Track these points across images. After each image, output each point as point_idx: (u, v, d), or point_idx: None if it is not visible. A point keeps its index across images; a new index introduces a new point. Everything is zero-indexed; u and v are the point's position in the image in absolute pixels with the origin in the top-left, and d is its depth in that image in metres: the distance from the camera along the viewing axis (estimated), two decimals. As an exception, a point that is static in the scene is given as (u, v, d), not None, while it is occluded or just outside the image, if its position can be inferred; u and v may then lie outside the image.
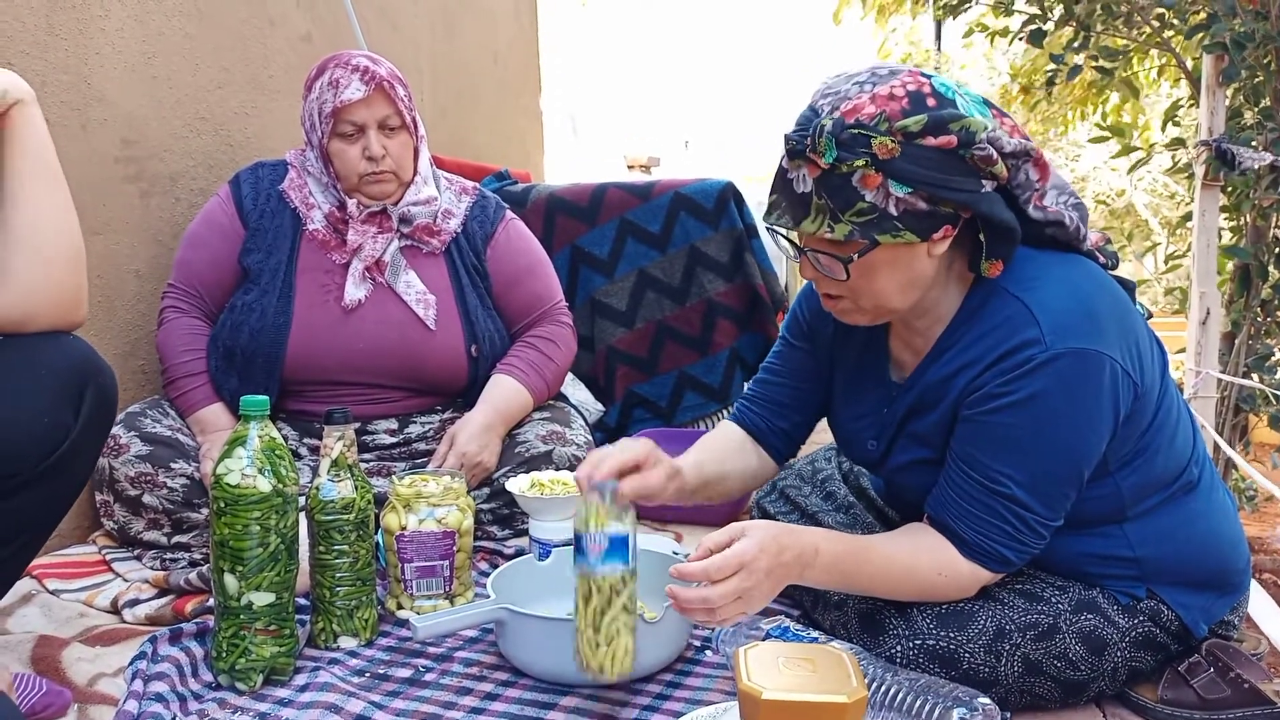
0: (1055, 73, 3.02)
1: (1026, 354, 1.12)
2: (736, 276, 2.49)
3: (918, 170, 1.08)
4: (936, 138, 1.08)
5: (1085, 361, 1.11)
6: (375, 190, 1.86)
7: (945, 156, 1.09)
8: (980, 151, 1.09)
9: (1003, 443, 1.15)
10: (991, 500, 1.16)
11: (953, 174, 1.10)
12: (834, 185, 1.10)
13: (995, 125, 1.11)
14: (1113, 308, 1.16)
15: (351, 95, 1.79)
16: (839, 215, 1.11)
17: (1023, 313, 1.13)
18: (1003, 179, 1.14)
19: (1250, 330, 2.70)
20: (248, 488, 1.26)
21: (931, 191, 1.09)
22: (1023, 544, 1.17)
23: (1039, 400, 1.12)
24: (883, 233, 1.11)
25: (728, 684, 1.29)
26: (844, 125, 1.08)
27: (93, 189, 1.93)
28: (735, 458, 1.47)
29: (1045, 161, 1.16)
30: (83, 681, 1.30)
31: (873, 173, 1.08)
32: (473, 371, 1.93)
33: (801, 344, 1.45)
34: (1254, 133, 2.57)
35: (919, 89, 1.10)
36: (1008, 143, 1.11)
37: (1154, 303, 5.41)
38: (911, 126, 1.08)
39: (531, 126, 4.18)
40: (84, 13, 1.91)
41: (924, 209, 1.11)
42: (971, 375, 1.17)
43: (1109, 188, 6.35)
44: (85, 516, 1.87)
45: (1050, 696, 1.21)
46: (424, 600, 1.52)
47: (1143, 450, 1.20)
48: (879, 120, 1.08)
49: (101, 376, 1.21)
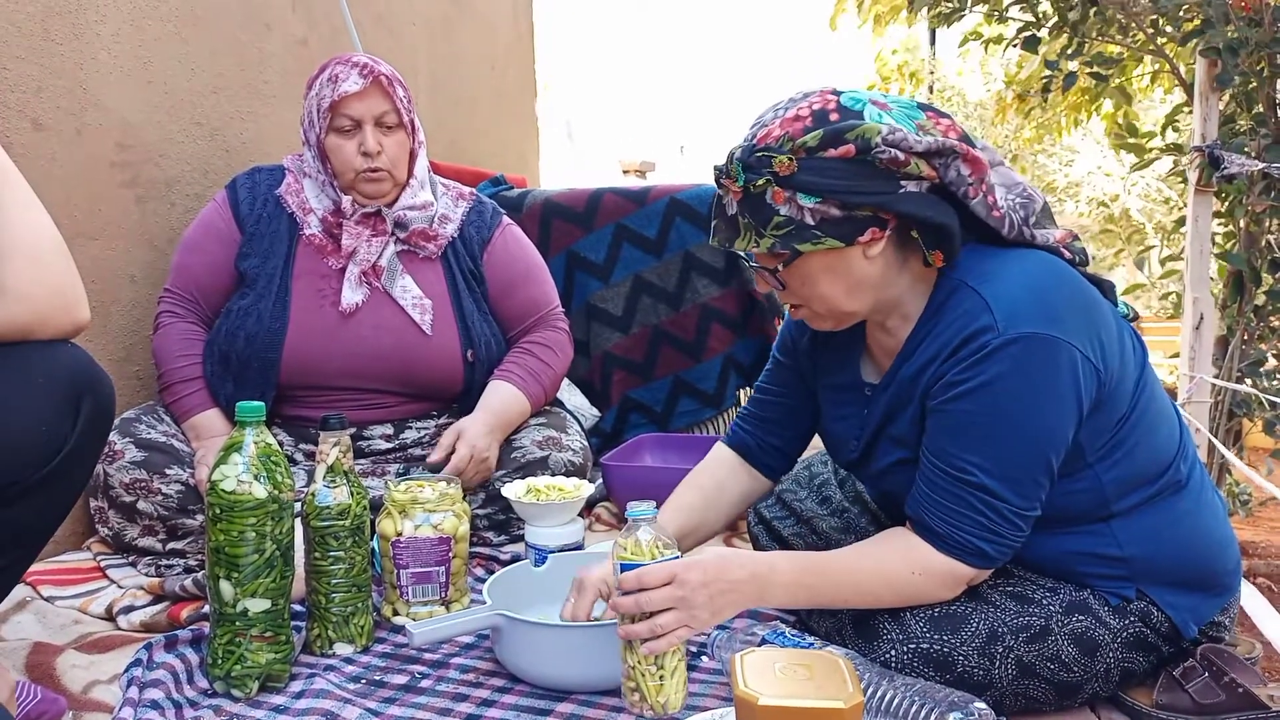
0: (1050, 79, 3.03)
1: (981, 340, 1.15)
2: (731, 281, 2.50)
3: (821, 180, 1.14)
4: (836, 148, 1.14)
5: (1038, 345, 1.13)
6: (370, 189, 1.86)
7: (850, 165, 1.15)
8: (883, 155, 1.14)
9: (964, 430, 1.17)
10: (961, 490, 1.17)
11: (861, 180, 1.15)
12: (753, 204, 1.19)
13: (899, 128, 1.14)
14: (1071, 298, 1.18)
15: (349, 88, 1.80)
16: (762, 231, 1.19)
17: (978, 303, 1.17)
18: (930, 177, 1.17)
19: (1244, 335, 2.71)
20: (243, 494, 1.26)
21: (842, 199, 1.15)
22: (998, 535, 1.17)
23: (995, 385, 1.14)
24: (803, 242, 1.17)
25: (724, 690, 1.29)
26: (752, 150, 1.17)
27: (88, 194, 1.93)
28: (721, 496, 1.50)
29: (975, 156, 1.18)
30: (78, 689, 1.30)
31: (777, 188, 1.16)
32: (468, 377, 1.93)
33: (787, 360, 1.49)
34: (1247, 138, 2.59)
35: (824, 107, 1.17)
36: (917, 142, 1.14)
37: (1148, 308, 5.43)
38: (809, 142, 1.14)
39: (527, 132, 4.18)
40: (79, 18, 1.91)
41: (838, 215, 1.16)
42: (934, 368, 1.20)
43: (1103, 192, 6.37)
44: (80, 523, 1.87)
45: (1045, 699, 1.22)
46: (420, 606, 1.52)
47: (1121, 443, 1.21)
48: (783, 141, 1.15)
49: (99, 385, 1.21)
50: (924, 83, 7.08)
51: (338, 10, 2.64)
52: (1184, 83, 2.91)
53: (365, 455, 1.90)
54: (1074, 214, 6.53)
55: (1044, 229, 1.25)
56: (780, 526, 1.62)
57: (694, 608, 1.16)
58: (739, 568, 1.19)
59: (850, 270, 1.21)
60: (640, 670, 1.17)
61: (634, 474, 2.07)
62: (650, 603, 1.15)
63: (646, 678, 1.16)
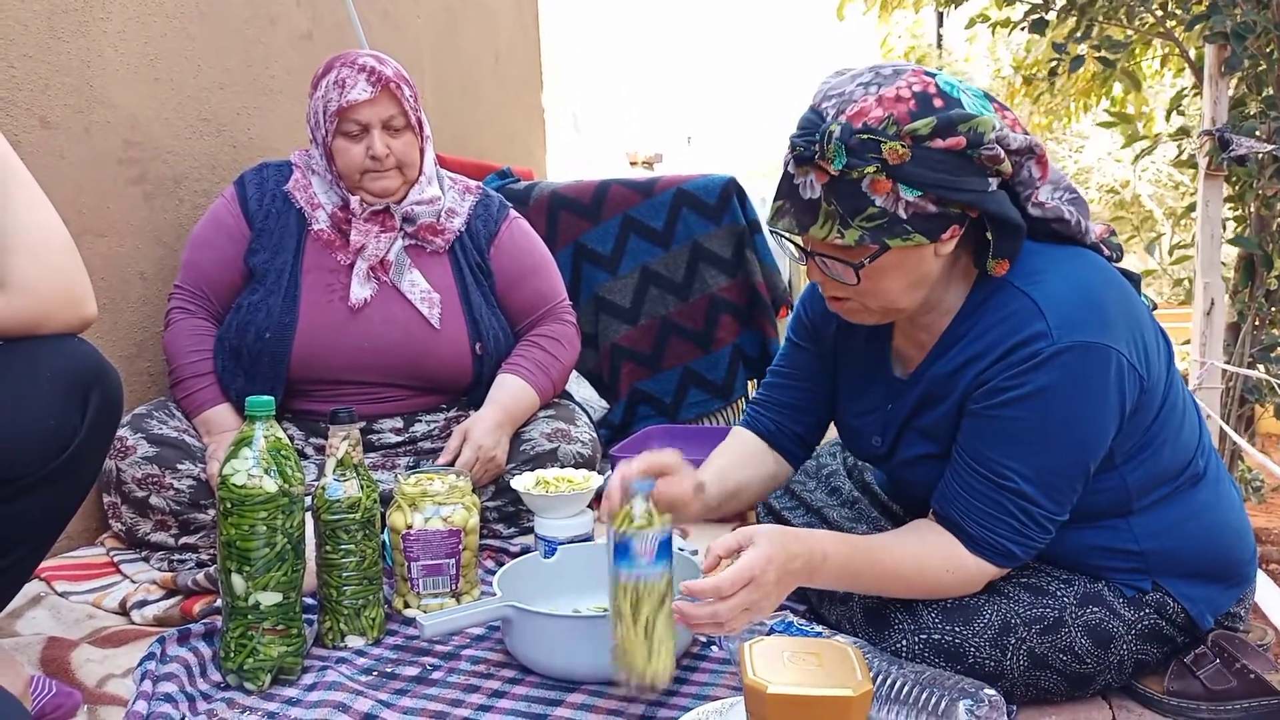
0: (1058, 63, 3.02)
1: (1034, 348, 1.11)
2: (739, 272, 2.49)
3: (927, 173, 1.07)
4: (945, 139, 1.07)
5: (1092, 355, 1.10)
6: (376, 187, 1.86)
7: (954, 158, 1.08)
8: (988, 151, 1.09)
9: (1009, 437, 1.14)
10: (997, 495, 1.16)
11: (961, 174, 1.09)
12: (843, 191, 1.10)
13: (1001, 123, 1.11)
14: (1119, 300, 1.16)
15: (357, 96, 1.80)
16: (849, 220, 1.10)
17: (1029, 306, 1.13)
18: (1007, 176, 1.13)
19: (1255, 321, 2.69)
20: (254, 488, 1.26)
21: (940, 194, 1.09)
22: (1028, 538, 1.17)
23: (1046, 394, 1.11)
24: (893, 237, 1.10)
25: (733, 679, 1.29)
26: (852, 130, 1.07)
27: (96, 191, 1.94)
28: (753, 464, 1.47)
29: (1046, 157, 1.16)
30: (92, 683, 1.31)
31: (883, 178, 1.08)
32: (477, 369, 1.94)
33: (807, 345, 1.45)
34: (1257, 122, 2.57)
35: (925, 89, 1.09)
36: (1014, 139, 1.11)
37: (1160, 294, 5.40)
38: (921, 129, 1.07)
39: (534, 124, 4.18)
40: (86, 15, 1.91)
41: (933, 211, 1.10)
42: (978, 369, 1.17)
43: (1113, 179, 6.33)
44: (93, 519, 1.88)
45: (1056, 689, 1.21)
46: (430, 599, 1.53)
47: (1149, 443, 1.20)
48: (887, 124, 1.07)
49: (107, 379, 1.21)
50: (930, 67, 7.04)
51: (342, 5, 2.64)
52: (1193, 66, 2.88)
53: (375, 449, 1.91)
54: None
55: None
56: (790, 517, 1.61)
57: (763, 603, 1.10)
58: (796, 556, 1.11)
59: (918, 267, 1.15)
60: (630, 641, 1.13)
61: (643, 465, 2.07)
62: (732, 611, 1.06)
63: (637, 651, 1.13)
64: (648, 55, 10.23)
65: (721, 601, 1.07)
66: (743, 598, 1.07)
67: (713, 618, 1.07)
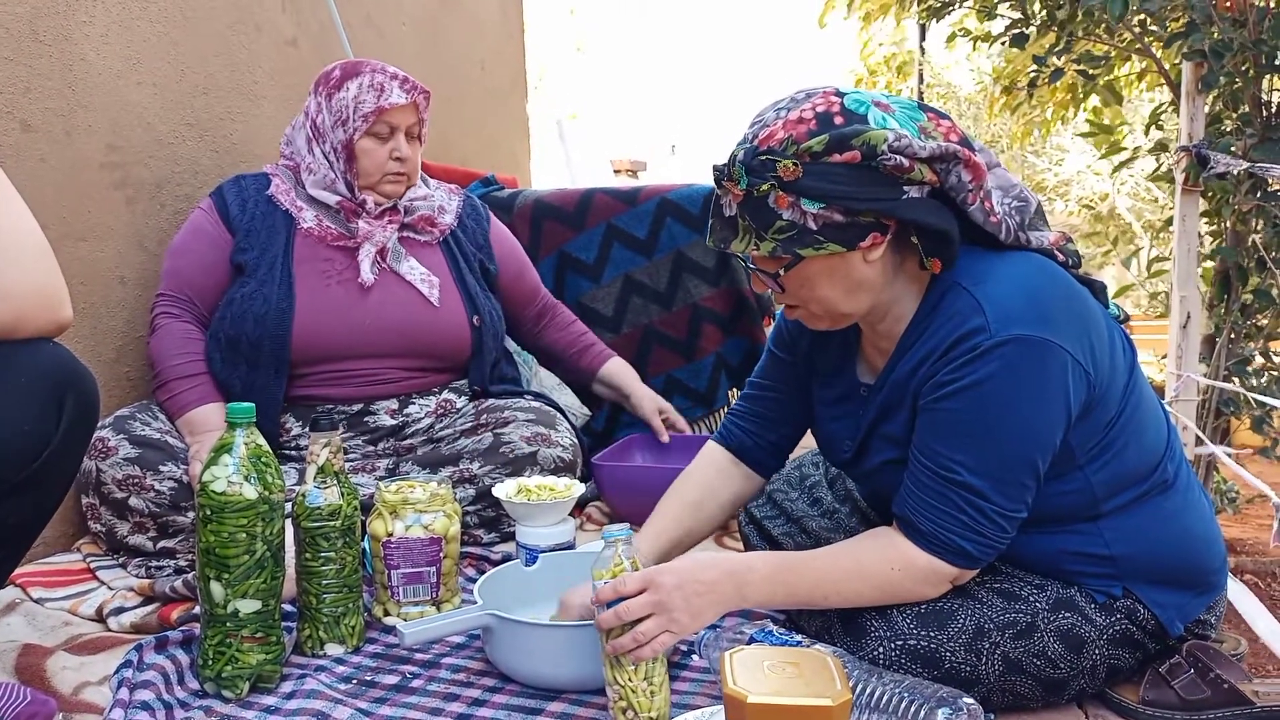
0: (1037, 74, 3.05)
1: (973, 341, 1.15)
2: (722, 281, 2.50)
3: (826, 186, 1.14)
4: (842, 154, 1.14)
5: (1030, 348, 1.13)
6: (391, 189, 1.97)
7: (855, 170, 1.14)
8: (889, 161, 1.13)
9: (952, 429, 1.17)
10: (945, 489, 1.17)
11: (866, 185, 1.14)
12: (753, 207, 1.18)
13: (904, 134, 1.14)
14: (1063, 300, 1.19)
15: (397, 100, 1.91)
16: (763, 234, 1.18)
17: (971, 304, 1.17)
18: (932, 183, 1.17)
19: (1231, 334, 2.72)
20: (234, 495, 1.26)
21: (846, 204, 1.14)
22: (981, 536, 1.18)
23: (985, 385, 1.14)
24: (804, 247, 1.17)
25: (713, 688, 1.30)
26: (755, 152, 1.16)
27: (77, 195, 1.93)
28: (711, 498, 1.49)
29: (975, 162, 1.18)
30: (68, 690, 1.30)
31: (781, 193, 1.15)
32: (476, 341, 2.03)
33: (784, 355, 1.48)
34: (1233, 139, 2.60)
35: (828, 109, 1.15)
36: (921, 148, 1.14)
37: (1138, 306, 5.45)
38: (815, 146, 1.13)
39: (518, 132, 4.18)
40: (68, 18, 1.90)
41: (841, 221, 1.16)
42: (927, 368, 1.21)
43: (1093, 191, 6.39)
44: (70, 524, 1.87)
45: (1032, 695, 1.23)
46: (411, 607, 1.52)
47: (1110, 444, 1.22)
48: (787, 144, 1.14)
49: (82, 382, 1.20)
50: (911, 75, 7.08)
51: (326, 11, 2.63)
52: (1170, 82, 2.92)
53: (370, 431, 1.94)
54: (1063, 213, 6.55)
55: (1038, 231, 1.26)
56: (771, 526, 1.62)
57: (672, 610, 1.17)
58: (712, 568, 1.20)
59: (849, 274, 1.21)
60: (631, 687, 1.18)
61: (625, 473, 2.08)
62: (630, 611, 1.16)
63: (638, 693, 1.17)
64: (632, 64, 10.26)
65: (624, 603, 1.16)
66: (644, 599, 1.16)
67: (618, 617, 1.16)
